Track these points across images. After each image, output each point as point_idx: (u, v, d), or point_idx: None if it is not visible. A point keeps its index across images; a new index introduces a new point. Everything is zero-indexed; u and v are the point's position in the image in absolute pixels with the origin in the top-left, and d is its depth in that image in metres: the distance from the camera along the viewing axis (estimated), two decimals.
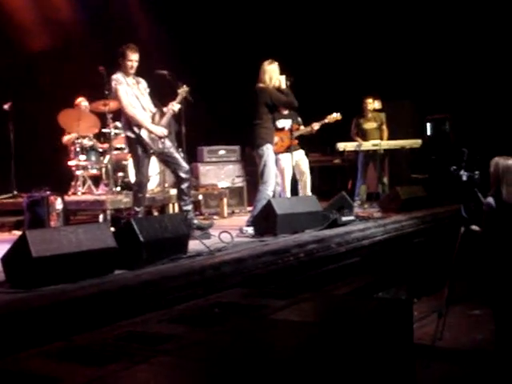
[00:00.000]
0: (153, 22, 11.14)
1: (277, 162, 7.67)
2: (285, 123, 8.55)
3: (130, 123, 6.52)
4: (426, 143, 10.65)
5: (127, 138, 6.65)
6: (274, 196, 7.29)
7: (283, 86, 7.19)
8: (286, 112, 8.64)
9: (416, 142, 10.01)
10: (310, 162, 8.83)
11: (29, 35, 9.74)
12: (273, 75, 7.20)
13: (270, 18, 11.80)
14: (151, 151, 6.56)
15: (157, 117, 6.68)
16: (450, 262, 5.16)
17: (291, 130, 8.29)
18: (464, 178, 4.93)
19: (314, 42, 11.96)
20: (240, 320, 3.19)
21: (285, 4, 11.87)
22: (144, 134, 6.46)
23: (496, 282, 4.85)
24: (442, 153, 11.35)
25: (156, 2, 11.16)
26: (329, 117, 8.67)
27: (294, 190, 8.51)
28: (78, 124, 8.22)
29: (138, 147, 6.50)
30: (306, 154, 8.73)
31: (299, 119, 8.85)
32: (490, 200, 4.92)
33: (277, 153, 7.80)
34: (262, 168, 7.11)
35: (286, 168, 8.18)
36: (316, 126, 8.67)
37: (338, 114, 8.70)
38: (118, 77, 6.49)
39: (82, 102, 8.84)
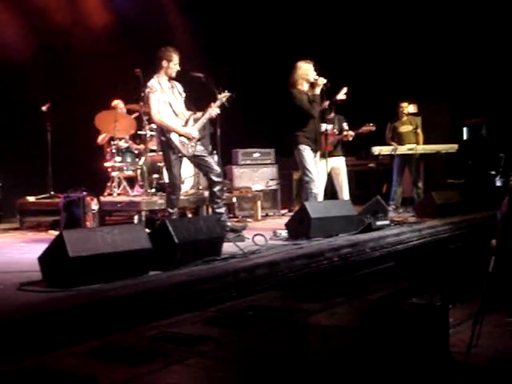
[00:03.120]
0: (189, 24, 11.20)
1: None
2: (326, 127, 8.56)
3: (161, 127, 6.62)
4: (462, 148, 10.54)
5: (159, 141, 6.76)
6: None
7: (316, 92, 7.21)
8: (330, 116, 8.67)
9: (452, 147, 9.91)
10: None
11: (67, 37, 9.87)
12: (303, 73, 7.22)
13: (307, 21, 11.80)
14: (179, 155, 6.62)
15: (191, 121, 6.74)
16: (486, 268, 5.09)
17: (326, 136, 8.27)
18: (498, 184, 4.84)
19: (350, 46, 11.92)
20: (274, 323, 3.19)
21: (322, 8, 11.86)
22: (174, 138, 6.55)
23: None
24: (478, 158, 11.22)
25: (193, 5, 11.22)
26: (363, 128, 8.76)
27: (334, 195, 8.52)
28: (115, 126, 8.27)
29: (169, 150, 6.59)
30: None
31: (344, 125, 8.84)
32: (504, 203, 4.84)
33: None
34: (301, 170, 7.40)
35: (320, 172, 8.18)
36: (350, 135, 8.72)
37: (372, 125, 8.75)
38: (152, 84, 6.59)
39: (119, 104, 8.92)
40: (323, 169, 8.20)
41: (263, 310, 3.43)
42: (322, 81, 7.23)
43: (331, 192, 8.46)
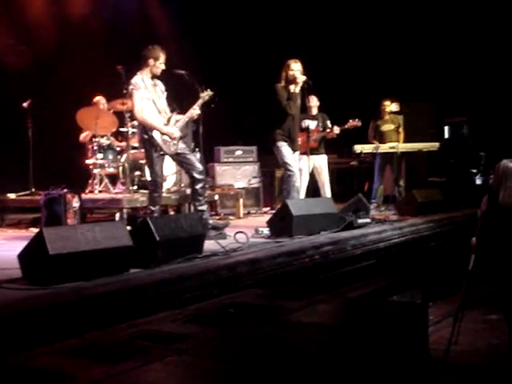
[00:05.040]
0: (172, 21, 11.17)
1: (299, 161, 7.72)
2: (309, 124, 8.57)
3: (143, 125, 6.60)
4: (443, 146, 10.60)
5: (141, 138, 6.72)
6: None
7: (296, 90, 7.23)
8: (314, 113, 8.69)
9: (433, 145, 9.96)
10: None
11: (47, 33, 9.81)
12: (288, 72, 7.25)
13: (289, 18, 11.81)
14: (161, 152, 6.60)
15: (173, 120, 6.72)
16: (467, 265, 5.12)
17: (308, 133, 8.28)
18: (478, 182, 4.87)
19: (333, 44, 11.94)
20: (254, 321, 3.19)
21: (308, 6, 11.87)
22: (157, 136, 6.52)
23: (503, 285, 4.81)
24: (459, 156, 11.30)
25: (175, 2, 11.19)
26: (349, 123, 8.74)
27: (316, 192, 8.54)
28: (96, 123, 8.23)
29: (151, 148, 6.56)
30: None
31: (327, 122, 8.85)
32: (484, 202, 4.90)
33: (300, 153, 7.83)
34: (281, 165, 7.46)
35: (303, 170, 8.20)
36: (337, 130, 8.70)
37: (358, 120, 8.76)
38: (136, 81, 6.54)
39: (101, 100, 8.87)
40: (306, 166, 8.22)
41: (244, 308, 3.43)
42: (301, 78, 7.23)
43: (313, 189, 8.49)
